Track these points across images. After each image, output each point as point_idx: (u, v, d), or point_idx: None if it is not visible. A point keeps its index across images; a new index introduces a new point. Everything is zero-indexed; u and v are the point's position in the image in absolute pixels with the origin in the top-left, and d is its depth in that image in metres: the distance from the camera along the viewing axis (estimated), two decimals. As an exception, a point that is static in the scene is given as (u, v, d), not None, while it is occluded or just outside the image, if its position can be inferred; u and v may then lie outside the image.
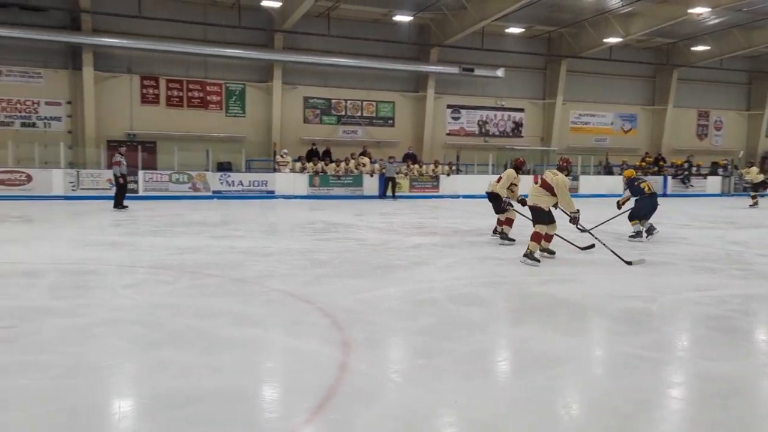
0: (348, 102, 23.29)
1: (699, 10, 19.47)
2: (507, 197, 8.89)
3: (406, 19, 21.89)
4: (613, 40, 22.77)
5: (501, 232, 9.14)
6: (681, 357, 4.28)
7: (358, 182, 20.25)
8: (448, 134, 24.91)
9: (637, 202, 9.95)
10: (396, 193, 19.98)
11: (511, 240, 8.86)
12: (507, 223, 9.10)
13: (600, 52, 24.14)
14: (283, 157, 19.93)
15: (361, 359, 3.84)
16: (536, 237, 7.43)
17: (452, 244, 9.03)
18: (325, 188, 19.83)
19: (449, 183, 21.49)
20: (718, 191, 25.40)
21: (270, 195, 19.09)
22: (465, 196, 20.23)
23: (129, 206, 14.39)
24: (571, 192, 8.10)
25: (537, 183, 7.84)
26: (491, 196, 9.18)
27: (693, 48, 24.98)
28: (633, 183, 10.09)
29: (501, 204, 8.96)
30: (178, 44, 19.98)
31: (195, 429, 2.87)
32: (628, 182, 10.28)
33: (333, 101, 23.09)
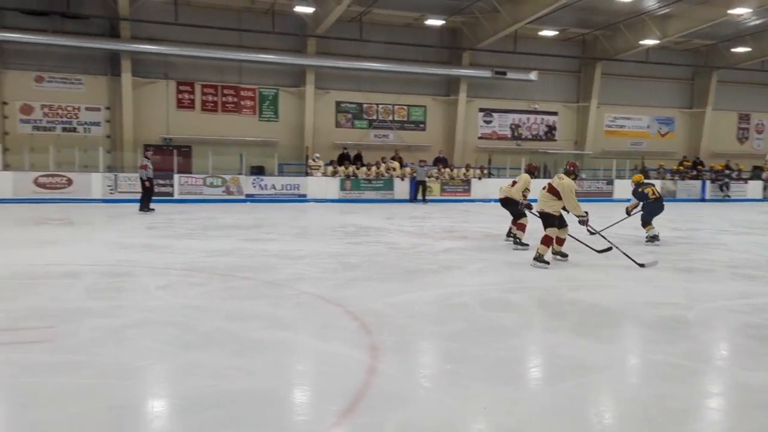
0: (379, 106, 23.36)
1: (740, 11, 18.99)
2: (522, 201, 8.93)
3: (438, 23, 21.88)
4: (650, 42, 22.37)
5: (514, 237, 9.13)
6: (718, 366, 4.16)
7: (389, 186, 20.29)
8: (480, 138, 24.78)
9: (644, 208, 10.07)
10: (427, 197, 19.95)
11: (525, 245, 8.79)
12: (520, 228, 9.10)
13: (636, 55, 23.75)
14: (315, 161, 20.09)
15: (390, 363, 3.83)
16: (546, 240, 7.47)
17: (483, 249, 8.96)
18: (356, 192, 19.91)
19: (481, 187, 21.36)
20: (760, 196, 24.67)
21: (302, 199, 19.26)
22: (497, 201, 20.02)
23: (155, 209, 14.65)
24: (606, 197, 8.08)
25: (545, 189, 7.89)
26: (505, 201, 9.24)
27: (733, 49, 24.37)
28: (637, 189, 10.27)
29: (517, 208, 9.01)
30: (214, 50, 20.38)
31: (225, 431, 2.90)
32: (634, 188, 10.43)
33: (365, 105, 23.20)
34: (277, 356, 3.97)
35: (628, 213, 10.31)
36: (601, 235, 8.29)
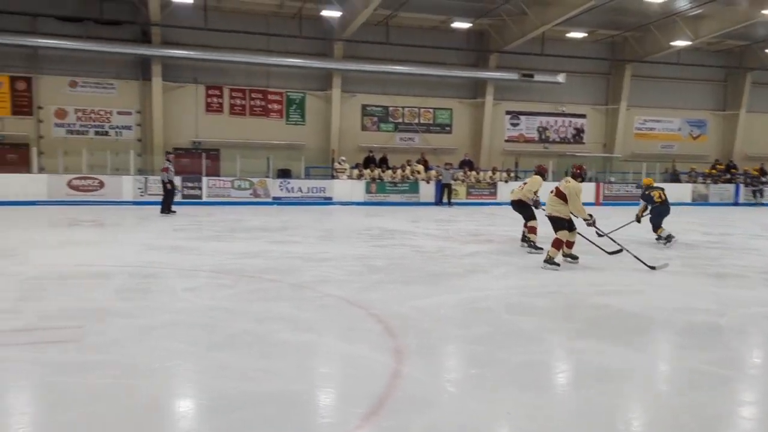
0: (405, 109, 23.36)
1: (775, 11, 18.54)
2: (534, 198, 8.97)
3: (465, 26, 21.79)
4: (681, 44, 21.96)
5: (528, 241, 9.09)
6: (751, 374, 4.05)
7: (415, 189, 20.25)
8: (507, 141, 24.60)
9: (651, 212, 10.21)
10: (452, 200, 19.86)
11: (539, 248, 8.70)
12: (531, 232, 9.08)
13: (667, 56, 23.33)
14: (341, 164, 20.17)
15: (415, 367, 3.82)
16: (557, 243, 7.53)
17: (509, 252, 8.89)
18: (382, 195, 19.92)
19: (507, 190, 21.03)
20: (796, 200, 23.99)
21: (328, 201, 19.34)
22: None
23: (177, 211, 14.84)
24: (635, 200, 8.11)
25: (552, 192, 7.90)
26: (517, 204, 9.22)
27: (768, 50, 23.80)
28: (645, 191, 10.48)
29: (529, 209, 9.04)
30: (242, 55, 20.61)
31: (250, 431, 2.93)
32: (642, 190, 10.68)
33: (390, 108, 23.22)
34: (302, 358, 3.99)
35: (639, 219, 10.41)
36: (610, 238, 8.28)
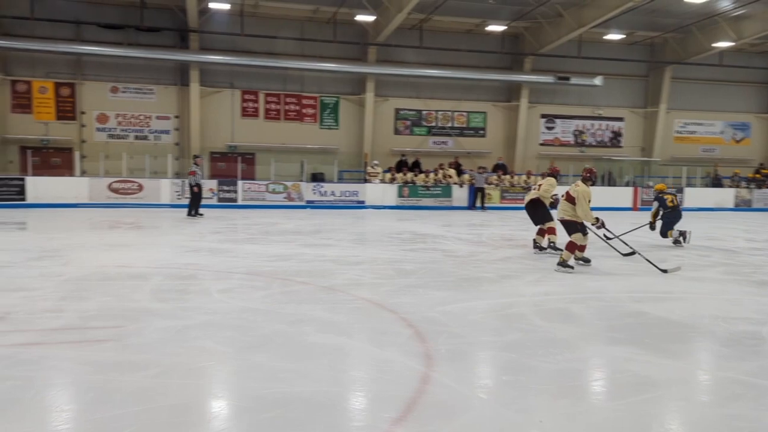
0: (438, 113, 23.32)
1: (823, 10, 17.92)
2: (553, 198, 9.07)
3: (500, 29, 21.66)
4: (724, 45, 21.40)
5: (549, 243, 9.15)
6: (796, 387, 3.90)
7: (447, 193, 20.17)
8: (542, 144, 24.33)
9: (663, 217, 10.51)
10: (486, 204, 19.72)
11: (559, 249, 8.59)
12: (551, 232, 9.11)
13: (708, 58, 22.76)
14: (374, 168, 20.23)
15: (444, 372, 3.80)
16: (571, 247, 7.60)
17: (543, 258, 8.77)
18: (414, 199, 19.90)
19: (542, 195, 20.91)
20: None
21: (360, 205, 19.41)
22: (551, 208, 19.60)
23: (204, 214, 15.08)
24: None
25: (563, 197, 7.96)
26: (532, 205, 9.24)
27: (816, 50, 23.01)
28: (658, 194, 10.79)
29: (543, 211, 9.10)
30: (277, 60, 20.88)
31: (279, 433, 2.95)
32: (655, 195, 10.88)
33: (424, 112, 23.21)
34: (332, 361, 4.01)
35: (653, 226, 10.64)
36: (622, 240, 8.39)
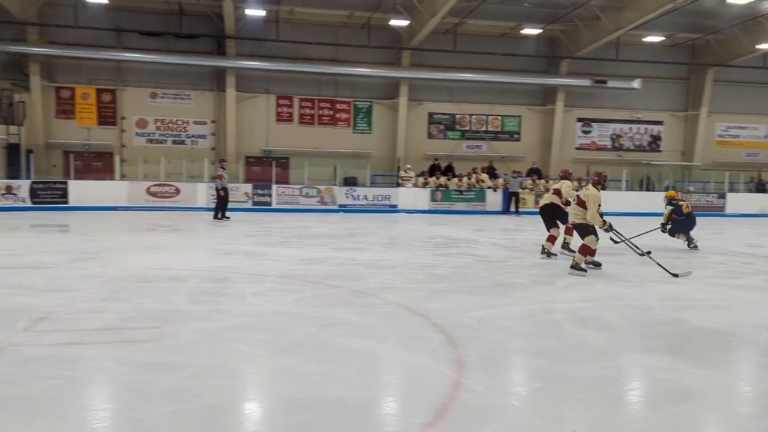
0: (472, 117, 23.20)
1: None
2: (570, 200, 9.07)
3: (535, 32, 21.46)
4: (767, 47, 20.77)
5: (565, 245, 9.28)
6: (843, 401, 3.76)
7: (481, 197, 20.02)
8: (578, 148, 24.00)
9: (675, 222, 10.59)
10: (520, 209, 19.51)
11: (573, 251, 8.63)
12: (568, 233, 9.21)
13: (752, 60, 22.17)
14: (407, 172, 20.23)
15: (476, 378, 3.77)
16: (584, 250, 7.62)
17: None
18: (447, 203, 19.81)
19: (578, 199, 20.59)
20: None
21: (392, 209, 19.42)
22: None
23: (230, 217, 15.27)
24: (717, 211, 7.96)
25: (574, 201, 8.04)
26: (548, 210, 9.29)
27: None
28: (671, 201, 10.83)
29: (563, 214, 9.12)
30: (312, 65, 21.10)
31: (310, 435, 2.97)
32: (667, 201, 10.94)
33: (457, 116, 23.13)
34: (363, 365, 4.01)
35: (664, 228, 10.66)
36: (632, 244, 8.41)
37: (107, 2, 19.01)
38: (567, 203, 8.99)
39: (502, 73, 22.29)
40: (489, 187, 20.14)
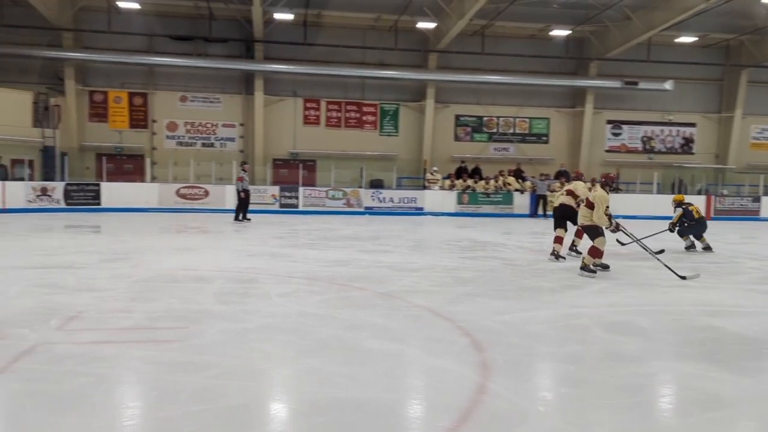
0: (500, 119, 23.05)
1: None
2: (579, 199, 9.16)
3: (564, 33, 21.24)
4: (805, 45, 20.23)
5: (573, 248, 9.33)
6: None
7: (508, 200, 19.85)
8: (608, 151, 23.67)
9: (686, 226, 10.60)
10: (548, 212, 19.27)
11: (580, 253, 8.88)
12: (579, 236, 9.21)
13: (789, 60, 21.57)
14: (433, 175, 20.17)
15: (501, 383, 3.72)
16: (593, 252, 7.67)
17: (609, 269, 8.47)
18: (474, 206, 19.69)
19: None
20: None
21: (419, 212, 19.38)
22: (626, 217, 18.98)
23: (251, 219, 15.38)
24: (751, 215, 7.90)
25: (583, 203, 8.14)
26: (563, 210, 9.36)
27: None
28: (680, 205, 10.76)
29: (571, 215, 9.18)
30: (339, 68, 21.20)
31: (333, 437, 2.97)
32: (678, 204, 10.86)
33: (484, 118, 23.00)
34: (387, 367, 4.00)
35: (674, 227, 10.64)
36: (642, 244, 8.53)
37: (139, 8, 19.39)
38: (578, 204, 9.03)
39: (531, 75, 22.11)
40: (516, 190, 19.96)
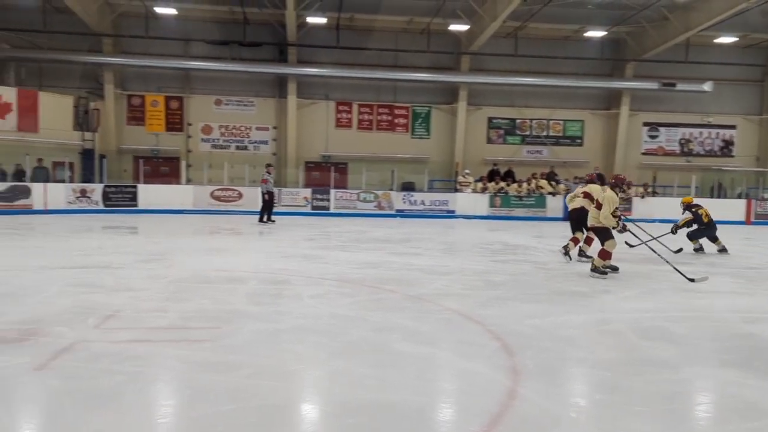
0: (533, 121, 22.82)
1: None
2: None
3: (599, 34, 20.93)
4: None
5: (581, 252, 9.27)
6: None
7: (541, 203, 19.62)
8: (644, 153, 23.21)
9: (696, 228, 10.60)
10: (582, 216, 18.98)
11: (589, 257, 8.80)
12: (588, 242, 9.25)
13: (835, 59, 20.85)
14: (465, 178, 20.06)
15: (532, 388, 3.68)
16: (603, 254, 7.81)
17: (642, 273, 8.32)
18: (506, 209, 19.51)
19: (643, 206, 19.86)
20: None
21: (450, 215, 19.30)
22: (662, 221, 18.56)
23: (275, 221, 15.49)
24: None
25: (593, 204, 8.23)
26: (578, 213, 9.21)
27: None
28: (690, 208, 10.70)
29: (587, 219, 8.98)
30: (371, 71, 21.28)
31: (362, 439, 2.98)
32: (687, 207, 10.79)
33: (517, 121, 22.80)
34: (417, 370, 4.00)
35: (677, 229, 10.61)
36: (649, 247, 8.58)
37: (176, 13, 19.79)
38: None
39: (565, 77, 21.83)
40: (549, 193, 19.71)
